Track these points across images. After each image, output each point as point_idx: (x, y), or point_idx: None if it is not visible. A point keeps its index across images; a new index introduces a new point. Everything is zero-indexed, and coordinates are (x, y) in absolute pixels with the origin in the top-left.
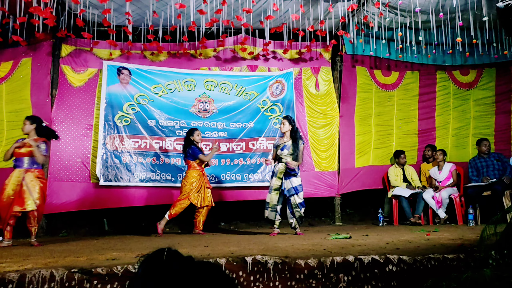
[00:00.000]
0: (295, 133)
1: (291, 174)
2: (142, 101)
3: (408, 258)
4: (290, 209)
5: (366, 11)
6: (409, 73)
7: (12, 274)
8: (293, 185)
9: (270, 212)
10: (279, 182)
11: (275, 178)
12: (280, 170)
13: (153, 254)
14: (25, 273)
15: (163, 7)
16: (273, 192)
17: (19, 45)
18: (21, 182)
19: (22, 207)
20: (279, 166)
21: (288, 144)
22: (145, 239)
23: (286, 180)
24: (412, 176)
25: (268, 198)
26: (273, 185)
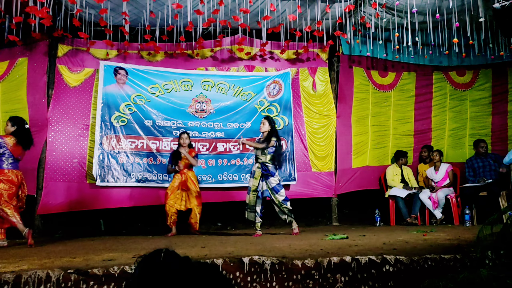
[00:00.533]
0: (272, 134)
1: (268, 175)
2: (139, 101)
3: (405, 258)
4: (277, 207)
5: (363, 11)
6: (406, 74)
7: (7, 275)
8: (271, 185)
9: (249, 213)
10: (256, 183)
11: (252, 179)
12: (257, 171)
13: (150, 255)
14: (21, 273)
15: (160, 7)
16: (251, 193)
17: (15, 45)
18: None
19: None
20: (256, 166)
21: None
22: (141, 239)
23: (263, 181)
24: (409, 176)
25: (247, 199)
26: (251, 186)
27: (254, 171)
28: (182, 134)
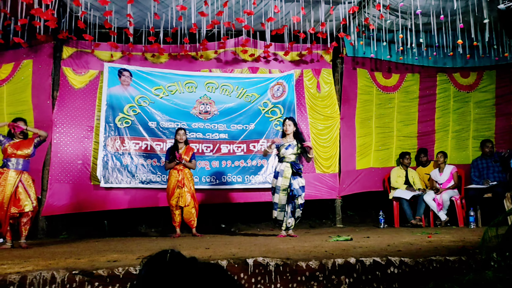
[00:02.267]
0: (300, 133)
1: (298, 174)
2: (143, 102)
3: (409, 260)
4: (292, 209)
5: (367, 13)
6: (410, 75)
7: (13, 276)
8: (300, 185)
9: (279, 212)
10: (287, 182)
11: (282, 178)
12: (287, 170)
13: (156, 255)
14: (26, 274)
15: (164, 9)
16: (282, 192)
17: (20, 47)
18: (17, 183)
19: (20, 208)
20: (284, 165)
21: (293, 143)
22: (145, 241)
23: (294, 180)
24: (415, 179)
25: (277, 199)
26: (281, 185)
27: (282, 170)
28: (179, 130)
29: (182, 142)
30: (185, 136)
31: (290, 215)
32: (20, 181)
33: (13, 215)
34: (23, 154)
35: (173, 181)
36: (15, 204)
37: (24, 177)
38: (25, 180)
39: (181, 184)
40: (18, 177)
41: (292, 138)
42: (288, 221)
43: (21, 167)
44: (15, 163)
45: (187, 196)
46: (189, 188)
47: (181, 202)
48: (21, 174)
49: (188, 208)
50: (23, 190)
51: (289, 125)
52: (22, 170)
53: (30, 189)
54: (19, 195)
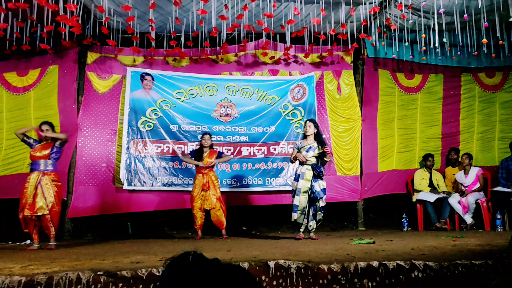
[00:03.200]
0: (320, 136)
1: (319, 176)
2: (165, 106)
3: (434, 264)
4: (314, 212)
5: (388, 13)
6: (433, 76)
7: (40, 276)
8: (321, 187)
9: (300, 215)
10: (308, 184)
11: (303, 181)
12: (308, 173)
13: (179, 257)
14: (53, 275)
15: (185, 14)
16: (302, 194)
17: (46, 53)
18: (36, 185)
19: (33, 211)
20: (305, 168)
21: (314, 145)
22: (168, 243)
23: (315, 182)
24: (439, 182)
25: (297, 201)
26: (302, 188)
27: (303, 172)
28: (204, 135)
29: (207, 146)
30: (210, 141)
31: (311, 218)
32: (39, 184)
33: (27, 217)
34: (41, 155)
35: (198, 184)
36: (30, 207)
37: (44, 179)
38: (43, 181)
39: (206, 187)
40: (38, 179)
41: (312, 140)
42: (310, 223)
43: (42, 168)
44: (36, 166)
45: (212, 199)
46: (215, 191)
47: (206, 205)
48: (41, 176)
49: (214, 210)
50: (40, 192)
51: (310, 126)
52: (43, 172)
53: (48, 191)
54: (36, 197)
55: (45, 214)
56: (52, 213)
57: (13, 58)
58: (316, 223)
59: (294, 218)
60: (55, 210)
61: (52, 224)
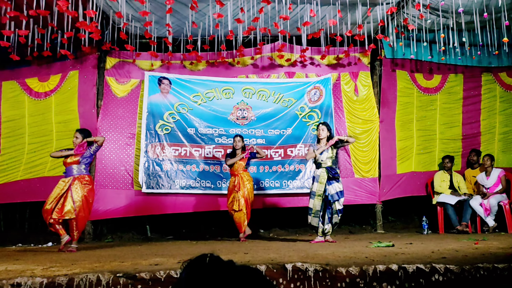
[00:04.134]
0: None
1: (334, 179)
2: (182, 109)
3: (455, 267)
4: (330, 215)
5: (406, 13)
6: (453, 76)
7: (61, 278)
8: (336, 190)
9: (313, 218)
10: (322, 188)
11: (317, 184)
12: (322, 175)
13: (196, 259)
14: (73, 277)
15: (202, 18)
16: (316, 198)
17: (67, 58)
18: (66, 189)
19: (60, 214)
20: (321, 171)
21: (328, 148)
22: (186, 245)
23: (330, 185)
24: (460, 184)
25: (311, 204)
26: (316, 191)
27: (318, 175)
28: (235, 138)
29: (238, 148)
30: (242, 142)
31: (327, 221)
32: (70, 187)
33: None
34: (71, 161)
35: (231, 186)
36: (59, 211)
37: (74, 183)
38: (74, 186)
39: (237, 188)
40: (68, 183)
41: (325, 143)
42: (325, 227)
43: (75, 172)
44: (68, 171)
45: (241, 200)
46: (243, 193)
47: (236, 206)
48: (72, 180)
49: (239, 213)
50: (69, 196)
51: (323, 130)
52: (74, 176)
53: (76, 195)
54: (65, 201)
55: (72, 219)
56: (79, 218)
57: (34, 64)
58: (332, 226)
59: (309, 221)
60: (81, 215)
61: (76, 228)
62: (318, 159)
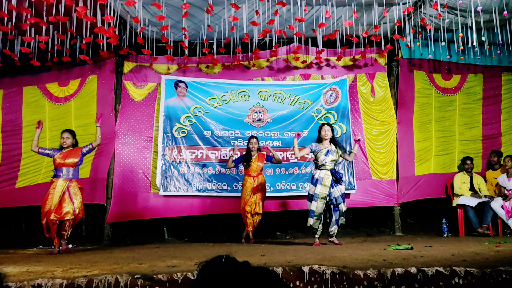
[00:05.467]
0: (335, 139)
1: (338, 181)
2: (198, 112)
3: (476, 270)
4: (337, 217)
5: (423, 13)
6: (472, 76)
7: (80, 279)
8: (341, 193)
9: (316, 220)
10: (326, 190)
11: (320, 186)
12: (326, 178)
13: (212, 260)
14: (92, 278)
15: (217, 21)
16: (320, 200)
17: (85, 63)
18: (64, 191)
19: (60, 216)
20: (324, 173)
21: (332, 149)
22: (203, 247)
23: (334, 187)
24: (480, 186)
25: (314, 206)
26: (320, 193)
27: (322, 177)
28: (251, 139)
29: (254, 150)
30: (257, 144)
31: (334, 223)
32: (67, 189)
33: (53, 221)
34: (71, 163)
35: (249, 188)
36: (56, 211)
37: (72, 185)
38: (72, 188)
39: (255, 190)
40: (66, 185)
41: (329, 144)
42: (331, 229)
43: (71, 175)
44: (63, 173)
45: (260, 204)
46: (261, 196)
47: (257, 208)
48: (69, 182)
49: (259, 216)
50: (68, 198)
51: (328, 130)
52: (70, 179)
53: (75, 197)
54: (63, 202)
55: (70, 219)
56: (76, 219)
57: (54, 69)
58: (338, 227)
59: (310, 223)
60: (79, 216)
61: (69, 229)
62: (322, 161)
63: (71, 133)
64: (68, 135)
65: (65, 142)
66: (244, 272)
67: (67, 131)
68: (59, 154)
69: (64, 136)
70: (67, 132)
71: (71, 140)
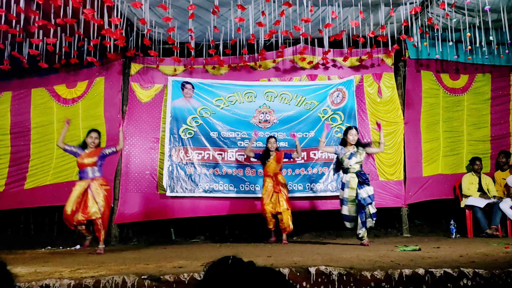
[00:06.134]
0: (359, 141)
1: (365, 183)
2: (205, 113)
3: (484, 272)
4: (363, 219)
5: (430, 13)
6: (480, 76)
7: (88, 280)
8: (368, 194)
9: (351, 222)
10: (354, 193)
11: (348, 189)
12: (352, 181)
13: (218, 261)
14: (100, 279)
15: (223, 22)
16: (350, 203)
17: (93, 65)
18: (86, 190)
19: (87, 215)
20: (350, 176)
21: (354, 151)
22: (209, 248)
23: (361, 189)
24: (489, 186)
25: (346, 210)
26: (348, 197)
27: (348, 181)
28: (270, 139)
29: (273, 150)
30: (276, 144)
31: (361, 225)
32: (89, 188)
33: (81, 221)
34: (89, 162)
35: (269, 187)
36: (83, 211)
37: (93, 184)
38: (94, 187)
39: (277, 190)
40: (86, 185)
41: (353, 147)
42: (359, 231)
43: (90, 175)
44: (83, 173)
45: (284, 202)
46: (285, 194)
47: (279, 207)
48: (90, 182)
49: (288, 212)
50: (91, 198)
51: (356, 135)
52: (91, 178)
53: (98, 196)
54: (88, 202)
55: (98, 218)
56: (104, 217)
57: (62, 71)
58: (366, 230)
59: (348, 227)
60: (106, 214)
61: (102, 228)
62: (346, 164)
63: (99, 133)
64: (97, 135)
65: (94, 142)
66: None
67: (95, 131)
68: (82, 154)
69: (93, 135)
70: (96, 132)
71: (99, 140)
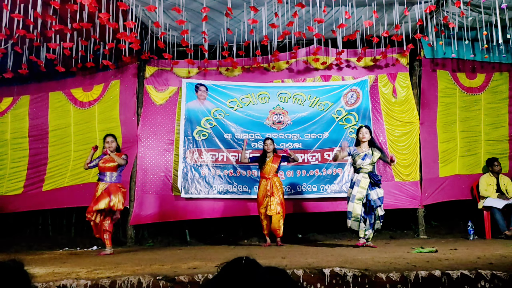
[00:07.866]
0: (375, 142)
1: (376, 184)
2: (219, 115)
3: (503, 274)
4: (371, 221)
5: (445, 11)
6: (497, 75)
7: (104, 280)
8: (379, 196)
9: (353, 222)
10: (364, 192)
11: (358, 188)
12: (364, 180)
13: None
14: (116, 279)
15: (237, 24)
16: (357, 201)
17: (108, 68)
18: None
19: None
20: (362, 176)
21: (369, 152)
22: (224, 249)
23: (372, 190)
24: (507, 187)
25: (351, 207)
26: (357, 195)
27: (359, 180)
28: (266, 140)
29: (270, 151)
30: (273, 145)
31: (369, 226)
32: (108, 188)
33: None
34: (110, 166)
35: (262, 190)
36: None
37: (112, 187)
38: (112, 187)
39: (270, 193)
40: (105, 187)
41: (367, 147)
42: (366, 233)
43: (108, 179)
44: (103, 175)
45: (275, 205)
46: (278, 197)
47: (269, 211)
48: (109, 185)
49: (277, 216)
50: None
51: (366, 133)
52: (110, 182)
53: (114, 194)
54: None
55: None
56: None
57: (79, 74)
58: (373, 232)
59: (349, 225)
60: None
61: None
62: (359, 164)
63: (114, 137)
64: (112, 139)
65: (111, 146)
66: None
67: (111, 135)
68: (103, 159)
69: (108, 140)
70: (111, 136)
71: (115, 144)
